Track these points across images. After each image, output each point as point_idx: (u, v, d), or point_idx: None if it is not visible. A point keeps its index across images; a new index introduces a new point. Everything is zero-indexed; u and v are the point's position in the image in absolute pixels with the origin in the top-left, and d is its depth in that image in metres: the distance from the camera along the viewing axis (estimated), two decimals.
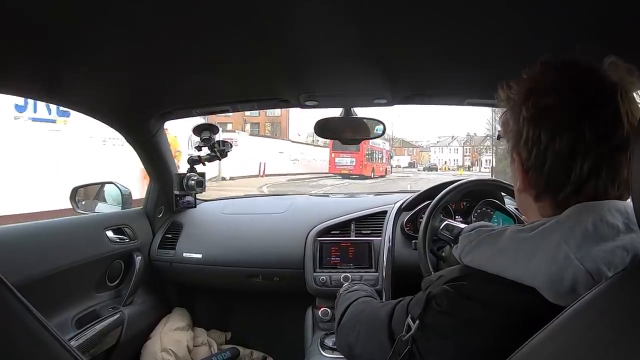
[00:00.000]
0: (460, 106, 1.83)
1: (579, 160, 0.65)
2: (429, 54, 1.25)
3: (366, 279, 1.89)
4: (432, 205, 1.69)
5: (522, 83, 0.73)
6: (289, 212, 2.24)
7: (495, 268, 0.66)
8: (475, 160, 67.79)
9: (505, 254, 0.67)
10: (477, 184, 1.74)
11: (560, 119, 0.66)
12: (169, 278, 2.27)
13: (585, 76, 0.68)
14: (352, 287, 1.31)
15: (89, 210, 2.13)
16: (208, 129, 2.08)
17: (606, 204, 0.65)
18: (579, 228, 0.62)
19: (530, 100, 0.70)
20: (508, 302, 0.63)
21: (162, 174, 2.15)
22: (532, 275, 0.61)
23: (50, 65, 1.20)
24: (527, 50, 0.71)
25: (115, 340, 1.80)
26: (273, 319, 2.45)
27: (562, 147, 0.66)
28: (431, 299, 0.70)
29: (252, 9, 0.95)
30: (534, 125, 0.69)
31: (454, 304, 0.67)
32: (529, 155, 0.70)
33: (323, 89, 1.64)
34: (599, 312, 0.50)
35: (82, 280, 1.74)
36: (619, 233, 0.62)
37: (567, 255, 0.59)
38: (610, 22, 0.95)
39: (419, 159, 68.12)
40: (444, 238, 1.66)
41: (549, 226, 0.65)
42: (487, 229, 0.76)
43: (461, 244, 0.77)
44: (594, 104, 0.65)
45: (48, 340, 0.61)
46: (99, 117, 1.72)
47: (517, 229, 0.69)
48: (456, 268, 0.76)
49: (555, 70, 0.71)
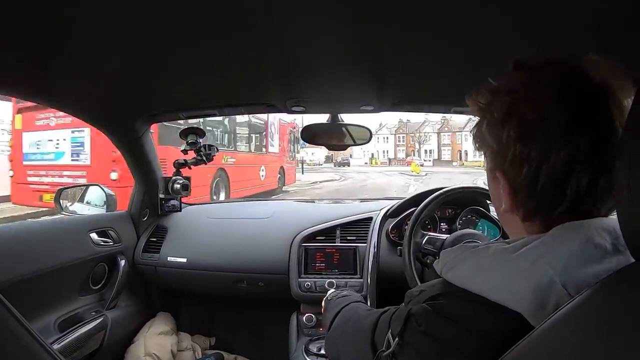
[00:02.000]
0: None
1: (576, 175, 0.61)
2: (416, 61, 1.26)
3: (351, 285, 1.89)
4: (412, 222, 1.69)
5: (500, 96, 0.68)
6: (274, 217, 2.24)
7: (477, 287, 0.63)
8: (412, 150, 62.14)
9: (487, 274, 0.63)
10: (461, 192, 1.75)
11: (552, 132, 0.61)
12: (153, 282, 2.26)
13: (569, 80, 0.63)
14: (340, 292, 1.30)
15: (72, 213, 2.12)
16: (194, 132, 2.08)
17: (594, 222, 0.61)
18: (564, 250, 0.59)
19: (514, 117, 0.64)
20: (489, 324, 0.61)
21: (147, 177, 2.14)
22: (515, 300, 0.58)
23: (37, 65, 1.19)
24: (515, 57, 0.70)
25: (98, 344, 1.78)
26: (257, 325, 2.44)
27: (558, 163, 0.61)
28: (411, 316, 0.68)
29: (240, 14, 0.95)
30: (523, 144, 0.63)
31: (433, 325, 0.64)
32: (517, 175, 0.65)
33: (310, 95, 1.64)
34: (578, 322, 0.49)
35: (66, 283, 1.72)
36: (606, 255, 0.59)
37: (552, 280, 0.56)
38: (599, 22, 0.94)
39: (339, 152, 61.38)
40: (427, 252, 1.67)
41: (534, 247, 0.61)
42: (469, 246, 0.72)
43: (442, 260, 0.73)
44: (585, 112, 0.61)
45: (30, 343, 0.61)
46: (84, 117, 1.71)
47: (501, 247, 0.65)
48: (437, 283, 0.72)
49: (535, 76, 0.66)
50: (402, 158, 62.05)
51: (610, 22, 0.93)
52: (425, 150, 61.69)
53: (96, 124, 1.80)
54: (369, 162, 56.91)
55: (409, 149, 63.99)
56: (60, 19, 0.95)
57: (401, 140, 65.09)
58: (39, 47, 1.08)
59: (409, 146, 63.90)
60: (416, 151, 61.74)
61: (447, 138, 62.87)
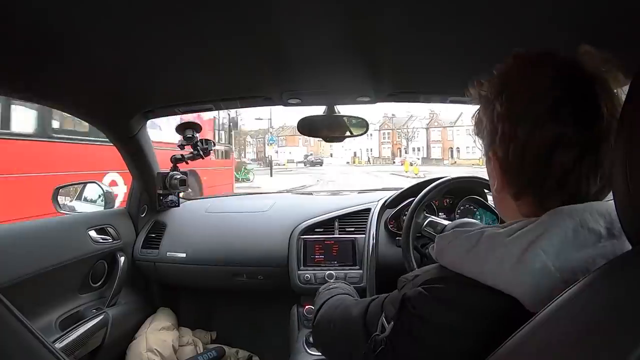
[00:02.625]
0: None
1: (560, 152, 0.62)
2: (412, 52, 1.26)
3: (350, 276, 1.90)
4: (416, 202, 1.70)
5: (495, 78, 0.71)
6: (272, 210, 2.25)
7: (471, 272, 0.64)
8: (398, 149, 56.94)
9: (481, 258, 0.64)
10: (459, 181, 1.75)
11: (540, 111, 0.63)
12: (153, 278, 2.26)
13: (562, 67, 0.65)
14: (329, 285, 1.31)
15: (71, 210, 2.11)
16: (191, 127, 2.07)
17: (588, 207, 0.62)
18: (558, 235, 0.59)
19: (504, 94, 0.67)
20: (483, 307, 0.62)
21: (144, 173, 2.13)
22: (508, 284, 0.59)
23: (31, 63, 1.19)
24: (511, 47, 0.70)
25: (99, 341, 1.79)
26: (258, 318, 2.45)
27: (542, 141, 0.63)
28: (406, 300, 0.68)
29: (235, 7, 0.95)
30: (510, 120, 0.66)
31: (429, 308, 0.65)
32: (506, 152, 0.67)
33: (306, 87, 1.64)
34: (577, 310, 0.49)
35: (66, 281, 1.72)
36: (600, 239, 0.59)
37: (545, 265, 0.57)
38: (599, 19, 0.95)
39: (319, 149, 55.22)
40: (427, 235, 1.67)
41: (527, 231, 0.61)
42: (464, 230, 0.72)
43: (438, 245, 0.74)
44: (574, 94, 0.63)
45: (32, 342, 0.61)
46: (80, 115, 1.70)
47: (495, 232, 0.66)
48: (432, 268, 0.74)
49: (531, 62, 0.69)
50: (387, 157, 57.86)
51: (607, 16, 0.93)
52: (412, 147, 56.03)
53: (93, 122, 1.79)
54: (351, 161, 53.63)
55: (395, 147, 58.80)
56: (54, 17, 0.95)
57: (386, 137, 60.02)
58: (34, 46, 1.08)
59: (395, 143, 58.16)
60: (403, 148, 56.74)
61: (436, 134, 57.44)
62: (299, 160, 49.64)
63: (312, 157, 46.51)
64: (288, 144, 54.42)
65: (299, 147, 54.94)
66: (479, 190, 2.00)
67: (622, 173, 0.49)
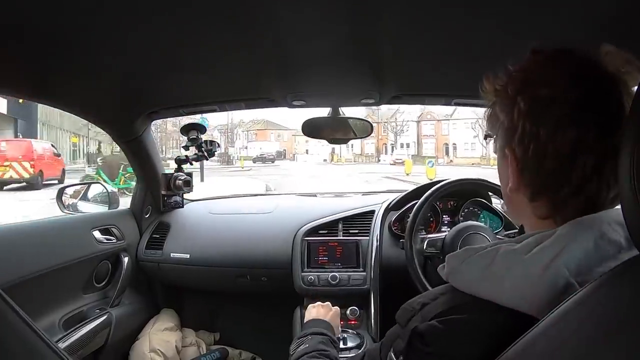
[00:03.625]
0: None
1: (582, 157, 0.60)
2: (417, 54, 1.26)
3: (354, 278, 1.90)
4: (413, 213, 1.70)
5: (515, 74, 0.68)
6: (276, 211, 2.25)
7: (487, 293, 0.61)
8: (384, 144, 49.34)
9: (498, 278, 0.60)
10: (462, 184, 1.75)
11: (561, 112, 0.61)
12: (157, 279, 2.27)
13: (583, 66, 0.63)
14: (300, 343, 1.17)
15: (75, 211, 2.12)
16: (195, 128, 2.07)
17: (606, 216, 0.60)
18: (579, 249, 0.57)
19: (527, 91, 0.64)
20: (501, 330, 0.58)
21: (148, 174, 2.14)
22: (530, 305, 0.56)
23: (38, 65, 1.19)
24: (517, 50, 0.69)
25: (103, 341, 1.79)
26: (261, 319, 2.45)
27: (564, 143, 0.60)
28: (417, 335, 0.63)
29: (240, 9, 0.95)
30: (532, 119, 0.63)
31: (446, 344, 0.61)
32: (525, 152, 0.64)
33: (311, 89, 1.64)
34: (582, 315, 0.49)
35: (70, 281, 1.72)
36: (621, 250, 0.58)
37: (568, 282, 0.55)
38: (605, 18, 0.94)
39: (292, 146, 49.82)
40: (431, 255, 1.67)
41: (546, 247, 0.59)
42: (476, 248, 0.68)
43: (449, 265, 0.70)
44: (596, 95, 0.60)
45: (35, 342, 0.61)
46: (85, 115, 1.71)
47: (511, 249, 0.62)
48: (441, 294, 0.69)
49: (551, 59, 0.66)
50: (370, 154, 49.68)
51: (617, 15, 0.93)
52: (401, 143, 47.15)
53: (97, 122, 1.80)
54: (330, 159, 44.50)
55: (380, 143, 49.55)
56: (59, 19, 0.95)
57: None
58: (40, 48, 1.08)
59: (380, 138, 48.23)
60: (390, 144, 47.60)
61: (429, 128, 48.24)
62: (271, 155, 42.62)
63: (262, 153, 40.26)
64: (258, 138, 50.57)
65: (271, 142, 50.38)
66: (483, 193, 2.00)
67: (629, 178, 0.48)
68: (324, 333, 1.19)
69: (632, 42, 0.67)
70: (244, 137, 47.80)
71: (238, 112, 14.91)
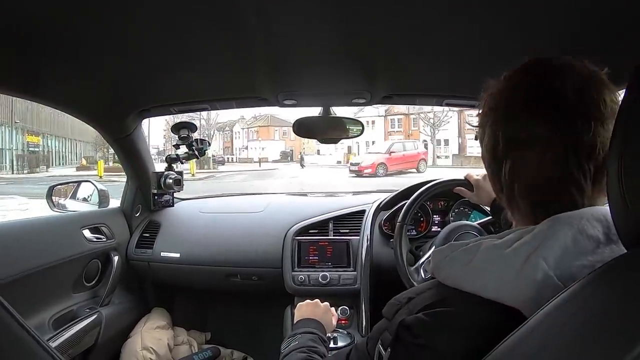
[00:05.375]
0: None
1: (548, 158, 0.62)
2: (408, 54, 1.26)
3: (344, 277, 1.90)
4: (402, 214, 1.70)
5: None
6: (267, 211, 2.25)
7: (471, 286, 0.63)
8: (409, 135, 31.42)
9: (480, 271, 0.62)
10: (450, 184, 1.74)
11: (527, 119, 0.63)
12: (147, 278, 2.26)
13: (554, 73, 0.64)
14: (290, 342, 1.17)
15: (65, 209, 2.11)
16: (186, 127, 2.07)
17: (585, 213, 0.62)
18: (557, 243, 0.59)
19: (491, 101, 0.69)
20: (486, 322, 0.60)
21: (139, 173, 2.13)
22: (511, 297, 0.58)
23: (29, 63, 1.19)
24: (507, 51, 0.70)
25: (93, 340, 1.79)
26: (252, 319, 2.45)
27: (525, 141, 0.64)
28: (404, 328, 0.64)
29: (230, 8, 0.95)
30: (496, 127, 0.67)
31: (433, 336, 0.61)
32: (492, 157, 0.69)
33: (302, 88, 1.64)
34: (571, 313, 0.50)
35: (59, 280, 1.72)
36: (599, 245, 0.59)
37: (547, 274, 0.56)
38: (592, 22, 0.96)
39: (300, 145, 38.95)
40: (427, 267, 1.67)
41: (526, 242, 0.60)
42: (460, 243, 0.70)
43: (434, 260, 0.72)
44: (564, 97, 0.61)
45: (27, 340, 0.61)
46: (76, 113, 1.70)
47: (492, 244, 0.65)
48: (428, 288, 0.70)
49: (524, 69, 0.68)
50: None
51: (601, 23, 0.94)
52: (438, 140, 30.74)
53: (87, 120, 1.79)
54: (344, 161, 31.85)
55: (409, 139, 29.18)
56: (51, 17, 0.95)
57: (396, 124, 34.41)
58: (30, 45, 1.08)
59: (410, 134, 32.46)
60: (426, 140, 29.84)
61: (475, 119, 12.37)
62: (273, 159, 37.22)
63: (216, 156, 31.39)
64: (261, 136, 42.81)
65: (276, 140, 42.47)
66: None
67: (616, 176, 0.49)
68: (314, 332, 1.20)
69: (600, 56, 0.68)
70: (244, 136, 43.82)
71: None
